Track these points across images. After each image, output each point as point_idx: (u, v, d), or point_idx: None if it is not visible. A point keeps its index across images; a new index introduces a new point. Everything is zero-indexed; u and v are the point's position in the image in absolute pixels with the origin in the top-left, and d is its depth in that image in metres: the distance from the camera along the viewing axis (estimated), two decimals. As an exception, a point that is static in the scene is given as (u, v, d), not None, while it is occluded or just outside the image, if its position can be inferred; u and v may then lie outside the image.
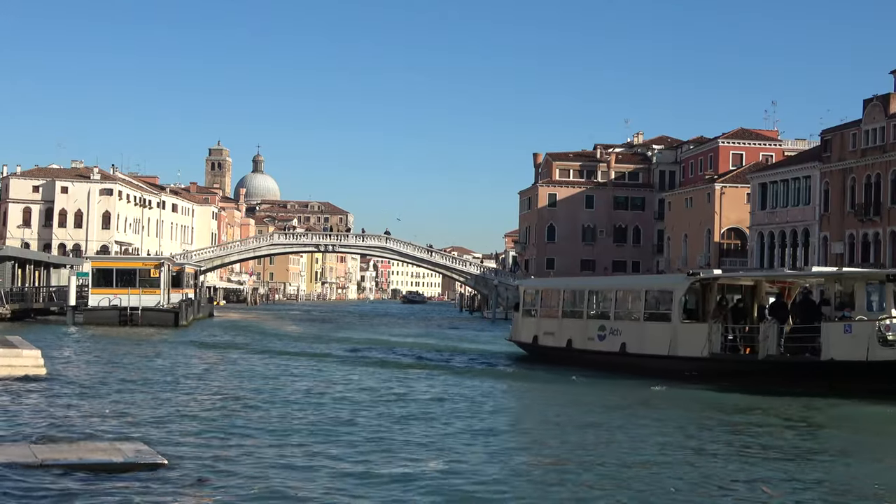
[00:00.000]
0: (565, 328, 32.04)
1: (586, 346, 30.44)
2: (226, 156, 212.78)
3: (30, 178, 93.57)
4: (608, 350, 29.37)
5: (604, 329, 29.87)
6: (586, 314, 31.57)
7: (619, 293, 30.91)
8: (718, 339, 25.67)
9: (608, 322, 29.96)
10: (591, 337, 30.32)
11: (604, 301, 31.61)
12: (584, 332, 30.85)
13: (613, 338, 29.30)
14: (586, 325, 31.02)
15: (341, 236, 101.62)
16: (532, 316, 34.65)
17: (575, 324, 31.74)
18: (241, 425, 17.09)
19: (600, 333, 29.90)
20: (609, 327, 29.70)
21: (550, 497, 11.92)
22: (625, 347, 28.72)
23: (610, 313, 30.22)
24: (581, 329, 31.18)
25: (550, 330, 32.90)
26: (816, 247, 59.41)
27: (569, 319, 32.21)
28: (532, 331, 34.12)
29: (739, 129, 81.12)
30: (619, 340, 28.99)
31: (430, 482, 12.57)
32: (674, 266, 79.12)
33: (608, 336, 29.58)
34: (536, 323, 34.07)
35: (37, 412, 17.62)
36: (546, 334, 33.12)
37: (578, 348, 30.86)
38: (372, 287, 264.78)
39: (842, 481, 13.38)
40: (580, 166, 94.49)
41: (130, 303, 52.24)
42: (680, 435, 17.21)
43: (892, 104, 53.97)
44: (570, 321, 32.06)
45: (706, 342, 25.69)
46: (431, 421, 18.30)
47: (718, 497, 12.17)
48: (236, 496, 11.35)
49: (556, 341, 32.22)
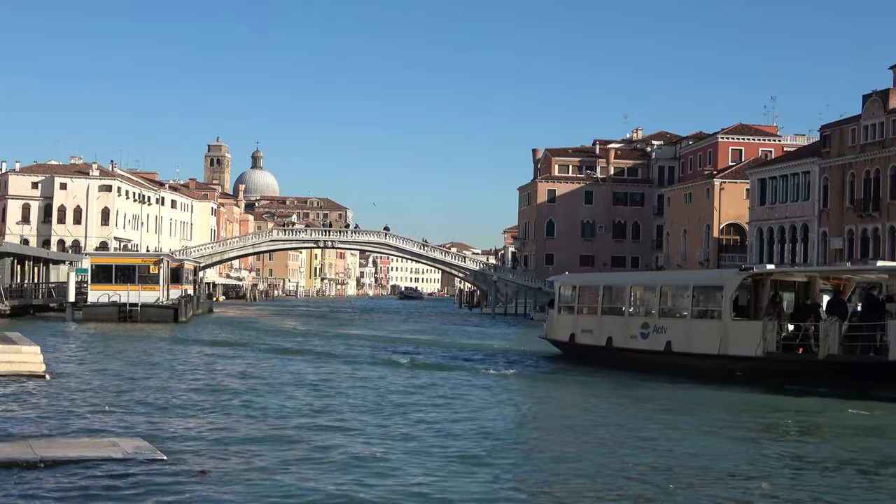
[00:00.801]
0: (605, 326, 30.77)
1: (628, 344, 29.27)
2: (225, 152, 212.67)
3: (29, 174, 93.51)
4: (652, 349, 28.15)
5: (647, 327, 28.71)
6: (628, 311, 30.35)
7: (663, 289, 29.53)
8: (774, 337, 24.41)
9: (652, 319, 28.78)
10: (633, 335, 29.14)
11: (647, 297, 30.40)
12: (626, 329, 29.64)
13: (658, 336, 28.07)
14: (628, 322, 29.82)
15: (340, 232, 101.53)
16: (569, 313, 33.31)
17: (616, 321, 30.46)
18: (241, 422, 17.10)
19: (643, 331, 28.73)
20: (653, 325, 28.53)
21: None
22: (670, 346, 27.51)
23: (654, 310, 29.04)
24: (622, 326, 29.95)
25: (589, 327, 31.63)
26: (816, 242, 59.39)
27: (609, 316, 30.95)
28: (569, 328, 32.79)
29: (738, 125, 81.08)
30: (664, 339, 27.76)
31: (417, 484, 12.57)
32: (673, 262, 79.14)
33: (652, 334, 28.36)
34: (573, 320, 32.72)
35: (36, 409, 17.63)
36: (584, 332, 31.80)
37: (619, 347, 29.68)
38: (371, 283, 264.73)
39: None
40: (579, 162, 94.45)
41: (130, 299, 52.23)
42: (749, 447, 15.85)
43: (892, 99, 53.92)
44: (611, 318, 30.80)
45: (760, 341, 24.45)
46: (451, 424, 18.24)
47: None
48: (236, 491, 11.36)
49: (595, 339, 30.99)
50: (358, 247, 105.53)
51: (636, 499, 11.71)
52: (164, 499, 10.81)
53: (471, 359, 33.28)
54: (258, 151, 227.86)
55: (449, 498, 11.58)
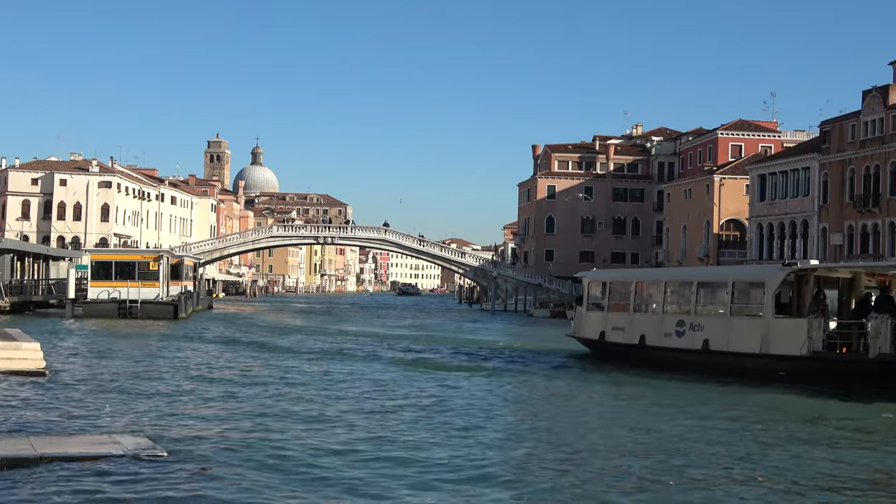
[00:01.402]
0: (638, 323, 29.70)
1: (662, 342, 28.26)
2: (224, 148, 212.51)
3: (28, 170, 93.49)
4: (688, 347, 27.11)
5: (683, 324, 27.61)
6: (663, 308, 29.25)
7: (700, 285, 28.48)
8: (820, 335, 23.41)
9: (688, 317, 27.66)
10: (667, 333, 28.09)
11: (682, 293, 29.27)
12: (660, 327, 28.58)
13: (694, 334, 27.06)
14: (662, 319, 28.74)
15: (340, 228, 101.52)
16: (598, 310, 32.15)
17: (649, 318, 29.52)
18: (242, 418, 17.11)
19: (679, 329, 27.67)
20: (689, 322, 27.42)
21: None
22: (708, 344, 26.51)
23: (690, 307, 27.97)
24: (656, 324, 28.90)
25: (620, 325, 30.51)
26: (815, 238, 59.40)
27: (642, 314, 30.01)
28: (598, 326, 31.64)
29: (738, 121, 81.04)
30: (701, 337, 26.77)
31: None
32: (673, 258, 79.13)
33: (688, 332, 27.31)
34: (603, 318, 31.59)
35: (36, 405, 17.63)
36: (615, 330, 30.69)
37: (653, 345, 28.67)
38: (371, 279, 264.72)
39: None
40: (579, 158, 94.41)
41: (129, 295, 52.23)
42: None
43: (892, 95, 53.90)
44: (644, 315, 29.85)
45: (805, 339, 23.47)
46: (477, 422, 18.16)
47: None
48: (237, 488, 11.36)
49: (627, 337, 29.84)
50: (357, 243, 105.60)
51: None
52: (165, 495, 10.80)
53: (494, 358, 32.16)
54: (258, 147, 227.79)
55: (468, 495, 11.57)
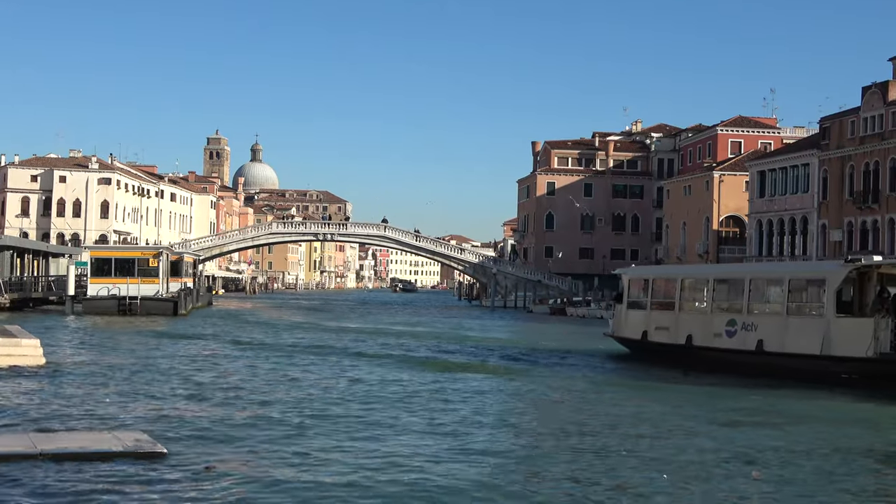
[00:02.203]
0: (684, 322, 28.32)
1: (711, 343, 26.89)
2: (224, 145, 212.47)
3: (28, 167, 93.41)
4: (740, 348, 25.74)
5: (734, 324, 26.24)
6: (711, 306, 27.82)
7: (753, 282, 26.92)
8: (888, 336, 22.18)
9: (740, 316, 26.23)
10: (717, 333, 26.72)
11: (733, 291, 27.77)
12: (709, 327, 27.20)
13: (746, 334, 25.66)
14: (711, 319, 27.33)
15: (340, 225, 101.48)
16: (640, 308, 30.89)
17: (696, 317, 28.20)
18: (242, 415, 17.10)
19: (729, 329, 26.33)
20: (741, 322, 26.01)
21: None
22: (762, 345, 25.15)
23: (742, 305, 26.46)
24: (705, 323, 27.51)
25: (664, 324, 29.18)
26: (815, 234, 59.39)
27: (688, 312, 28.73)
28: (640, 325, 30.34)
29: (738, 117, 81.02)
30: (755, 337, 25.37)
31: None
32: (672, 254, 79.14)
33: (739, 332, 25.92)
34: (646, 316, 30.28)
35: (36, 402, 17.62)
36: (659, 329, 29.35)
37: (701, 345, 27.27)
38: (371, 276, 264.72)
39: None
40: (578, 154, 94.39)
41: (129, 292, 52.19)
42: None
43: (891, 91, 53.86)
44: (691, 314, 28.60)
45: (871, 340, 22.21)
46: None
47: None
48: (237, 484, 11.36)
49: (673, 337, 28.49)
50: (357, 240, 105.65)
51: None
52: (165, 492, 10.79)
53: (526, 359, 30.69)
54: (257, 144, 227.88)
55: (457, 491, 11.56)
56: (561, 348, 35.33)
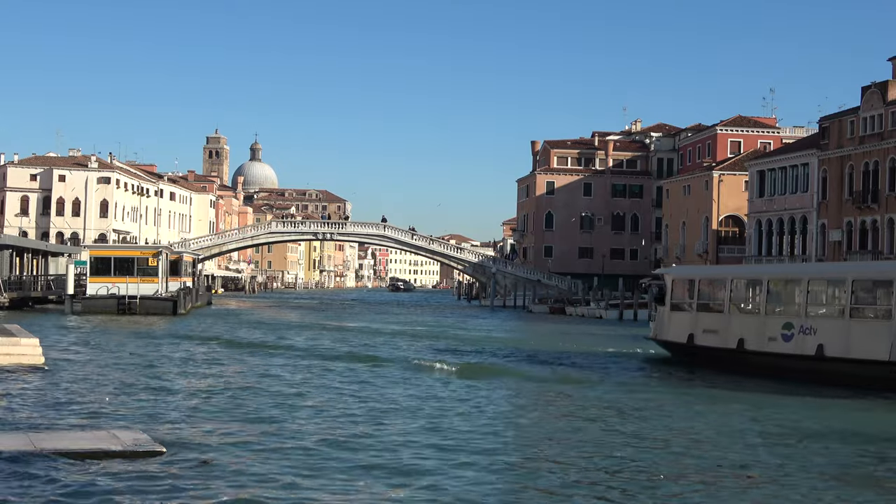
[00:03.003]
0: (735, 325, 26.98)
1: (765, 347, 25.57)
2: (223, 144, 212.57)
3: (27, 166, 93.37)
4: (798, 353, 24.45)
5: (791, 327, 24.91)
6: (765, 308, 26.50)
7: (812, 282, 25.59)
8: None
9: (797, 319, 24.86)
10: (772, 337, 25.42)
11: (790, 292, 26.55)
12: (763, 330, 25.90)
13: (805, 338, 24.37)
14: (765, 321, 26.02)
15: (339, 224, 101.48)
16: (685, 310, 29.58)
17: (749, 320, 26.93)
18: (241, 414, 17.11)
19: (786, 332, 25.01)
20: (798, 325, 24.67)
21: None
22: (822, 350, 23.81)
23: (800, 307, 25.13)
24: (758, 327, 26.17)
25: (713, 327, 27.84)
26: (814, 234, 59.41)
27: (740, 315, 27.51)
28: (686, 328, 28.97)
29: (738, 117, 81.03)
30: (814, 342, 24.06)
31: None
32: (672, 254, 79.15)
33: (797, 336, 24.61)
34: (692, 319, 28.87)
35: (35, 401, 17.62)
36: (706, 332, 28.00)
37: (754, 350, 25.96)
38: (370, 275, 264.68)
39: None
40: (578, 154, 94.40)
41: (129, 291, 52.17)
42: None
43: (891, 91, 53.86)
44: (742, 317, 27.38)
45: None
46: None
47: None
48: (236, 483, 11.37)
49: (722, 341, 27.20)
50: (356, 239, 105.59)
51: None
52: (164, 491, 10.80)
53: (564, 364, 29.18)
54: (257, 143, 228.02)
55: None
56: (596, 352, 33.96)
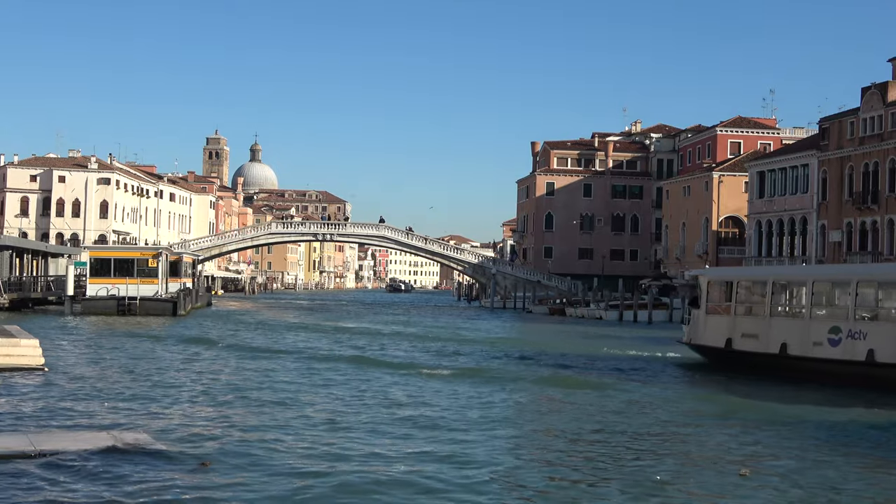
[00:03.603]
0: (777, 329, 25.93)
1: (811, 352, 24.55)
2: (223, 145, 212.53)
3: (27, 167, 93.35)
4: (847, 358, 23.45)
5: (838, 331, 23.91)
6: (810, 311, 25.43)
7: (861, 284, 24.36)
8: None
9: (845, 322, 23.86)
10: (817, 341, 24.40)
11: (837, 294, 25.51)
12: (807, 334, 24.87)
13: (854, 343, 23.44)
14: (809, 325, 25.00)
15: (339, 225, 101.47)
16: (722, 314, 28.64)
17: (792, 324, 25.83)
18: (241, 415, 17.11)
19: (832, 337, 24.01)
20: (846, 329, 23.66)
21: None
22: (873, 355, 22.84)
23: (847, 310, 24.07)
24: (801, 330, 25.15)
25: (752, 331, 26.88)
26: (814, 235, 59.41)
27: (782, 318, 26.43)
28: (723, 332, 28.00)
29: (737, 118, 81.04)
30: (864, 347, 23.10)
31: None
32: (671, 255, 79.16)
33: (845, 340, 23.65)
34: (730, 322, 27.88)
35: (35, 402, 17.62)
36: (745, 337, 27.03)
37: (798, 355, 24.92)
38: (370, 276, 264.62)
39: None
40: (578, 155, 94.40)
41: (129, 292, 52.16)
42: None
43: (891, 92, 53.86)
44: (785, 320, 26.30)
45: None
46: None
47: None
48: (235, 483, 11.37)
49: (763, 346, 26.20)
50: (356, 240, 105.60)
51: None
52: (164, 492, 10.80)
53: (595, 368, 28.37)
54: (257, 144, 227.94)
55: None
56: (627, 356, 32.87)
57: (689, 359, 30.47)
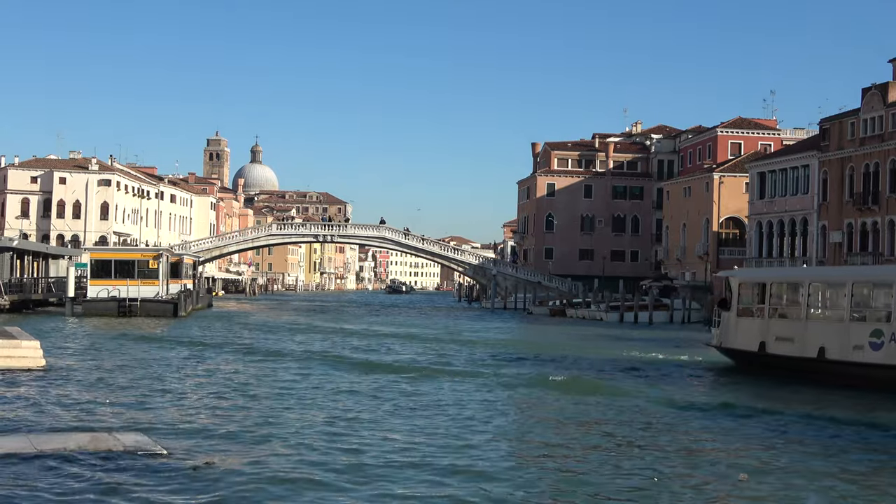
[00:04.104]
0: (814, 333, 25.15)
1: (851, 357, 23.74)
2: (224, 146, 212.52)
3: (28, 168, 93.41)
4: (889, 363, 22.66)
5: (880, 335, 23.15)
6: (849, 314, 24.54)
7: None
8: None
9: (887, 326, 23.05)
10: (858, 345, 23.66)
11: (879, 296, 24.59)
12: (846, 338, 24.12)
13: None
14: (849, 328, 24.23)
15: (339, 226, 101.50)
16: (754, 316, 27.81)
17: (831, 327, 25.06)
18: (241, 416, 17.12)
19: (875, 341, 23.23)
20: (889, 333, 22.89)
21: None
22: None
23: (890, 313, 23.29)
24: (841, 334, 24.37)
25: (787, 335, 26.12)
26: (815, 236, 59.39)
27: (820, 321, 25.71)
28: (756, 335, 27.15)
29: (738, 118, 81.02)
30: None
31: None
32: (672, 256, 79.15)
33: (888, 345, 22.83)
34: (763, 325, 27.10)
35: (35, 403, 17.63)
36: (780, 340, 26.23)
37: (837, 359, 24.10)
38: (371, 277, 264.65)
39: None
40: (579, 156, 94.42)
41: (129, 294, 52.20)
42: None
43: (891, 93, 53.85)
44: (823, 323, 25.54)
45: None
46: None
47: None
48: (236, 484, 11.37)
49: (799, 350, 25.39)
50: (357, 241, 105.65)
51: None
52: (164, 493, 10.81)
53: (624, 372, 27.60)
54: (257, 146, 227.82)
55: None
56: (654, 360, 31.78)
57: (716, 362, 29.58)
